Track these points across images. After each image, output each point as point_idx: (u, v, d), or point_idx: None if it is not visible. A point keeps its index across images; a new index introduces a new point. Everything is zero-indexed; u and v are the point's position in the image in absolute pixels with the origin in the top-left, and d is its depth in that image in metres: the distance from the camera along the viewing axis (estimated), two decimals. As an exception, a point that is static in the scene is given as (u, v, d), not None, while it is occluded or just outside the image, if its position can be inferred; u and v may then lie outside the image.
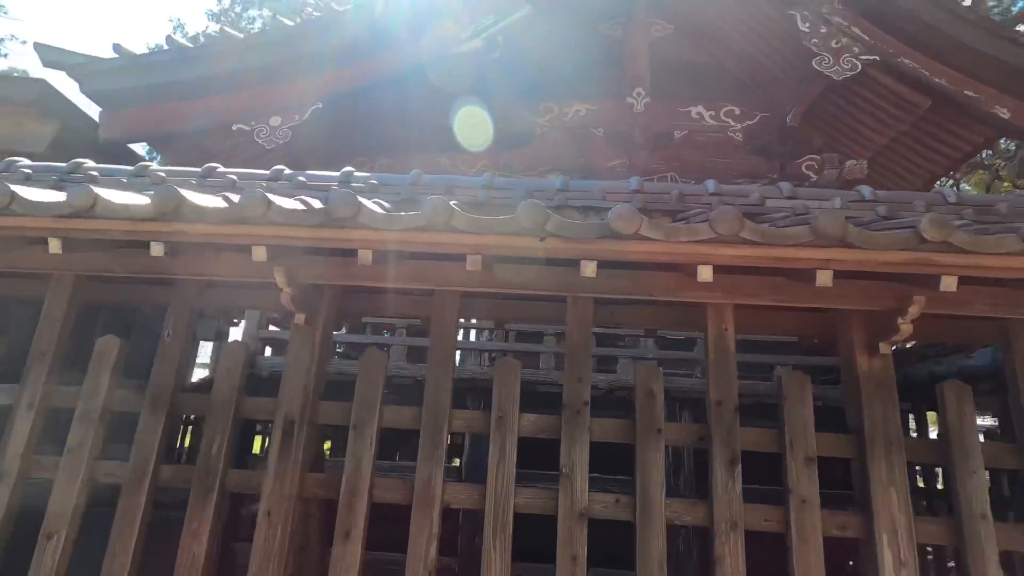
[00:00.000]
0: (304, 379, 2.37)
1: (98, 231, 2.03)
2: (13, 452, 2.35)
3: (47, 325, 2.52)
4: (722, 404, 2.26)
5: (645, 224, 1.83)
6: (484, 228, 1.88)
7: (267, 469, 2.28)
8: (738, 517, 2.13)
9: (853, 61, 4.96)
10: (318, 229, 1.93)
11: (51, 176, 3.12)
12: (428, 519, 2.18)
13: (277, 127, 5.02)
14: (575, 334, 2.37)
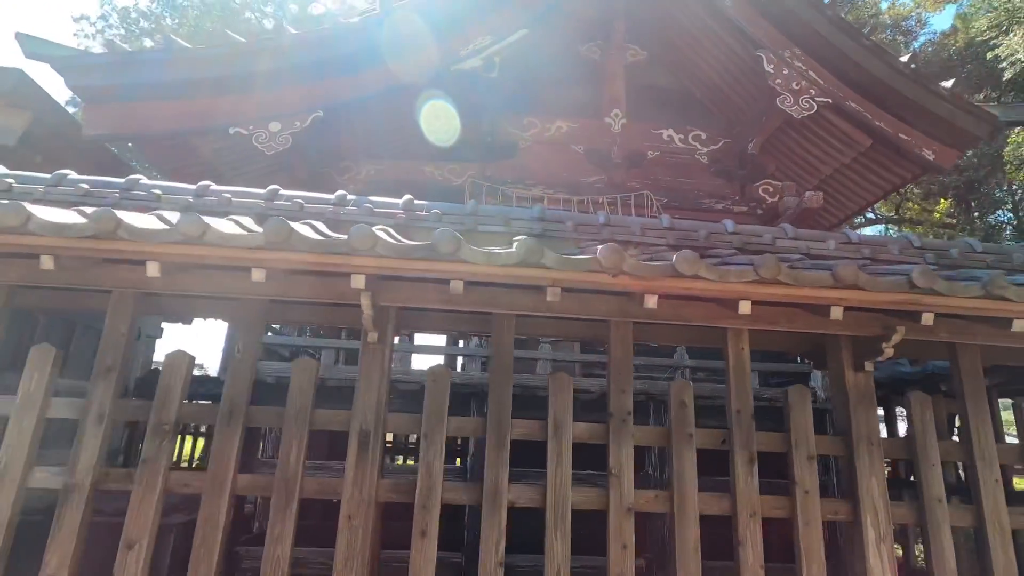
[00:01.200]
0: (376, 392, 2.58)
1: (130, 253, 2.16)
2: (84, 465, 2.40)
3: (111, 340, 2.57)
4: (741, 412, 2.70)
5: (703, 267, 2.21)
6: (569, 265, 2.18)
7: (345, 476, 2.47)
8: (756, 507, 2.57)
9: (810, 102, 5.61)
10: (422, 262, 2.16)
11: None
12: (497, 518, 2.47)
13: (277, 132, 5.04)
14: (618, 352, 2.72)
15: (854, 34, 5.65)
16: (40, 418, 2.46)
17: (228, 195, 2.92)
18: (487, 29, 5.48)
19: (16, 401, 2.46)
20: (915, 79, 5.54)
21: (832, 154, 6.19)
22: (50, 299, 2.69)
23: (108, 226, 2.06)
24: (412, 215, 3.01)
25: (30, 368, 2.50)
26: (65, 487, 2.38)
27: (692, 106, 7.12)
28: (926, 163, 5.76)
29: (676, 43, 6.86)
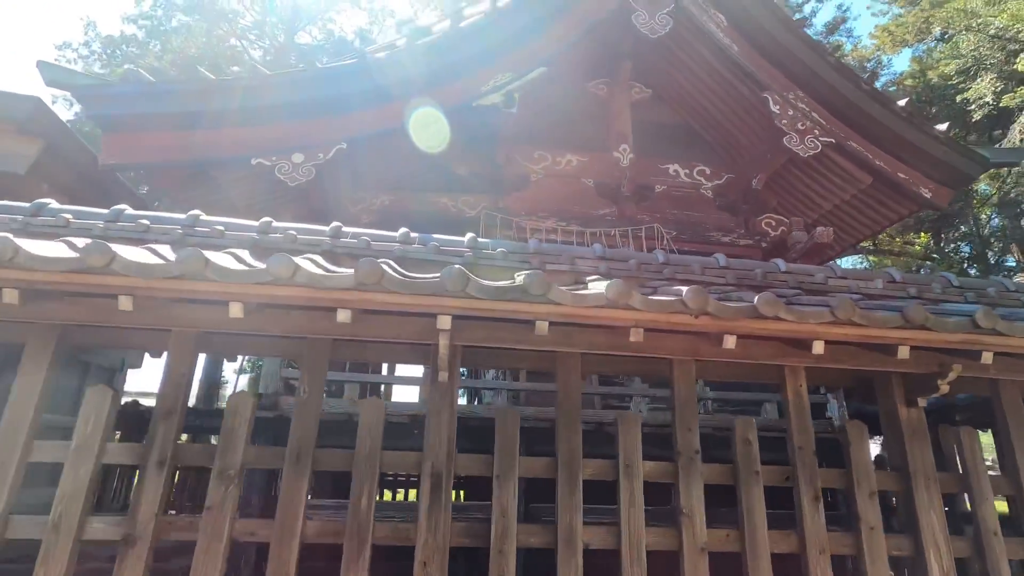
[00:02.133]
0: (447, 432, 2.54)
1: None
2: (146, 514, 2.29)
3: (171, 382, 2.48)
4: (803, 449, 2.74)
5: (783, 308, 2.26)
6: (656, 307, 2.22)
7: (418, 520, 2.41)
8: (824, 544, 2.59)
9: (815, 141, 5.87)
10: (511, 303, 2.16)
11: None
12: (573, 559, 2.43)
13: (300, 164, 5.01)
14: (683, 391, 2.75)
15: (854, 79, 5.96)
16: (98, 465, 2.35)
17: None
18: (508, 66, 5.60)
19: (71, 446, 2.34)
20: (911, 122, 5.85)
21: (833, 190, 6.45)
22: (106, 338, 2.59)
23: (197, 267, 2.01)
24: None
25: (86, 410, 2.39)
26: (125, 538, 2.26)
27: (695, 142, 7.36)
28: (924, 200, 6.05)
29: (680, 82, 7.11)
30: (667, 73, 7.17)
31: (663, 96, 7.47)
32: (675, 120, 7.48)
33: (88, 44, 19.04)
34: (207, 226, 2.76)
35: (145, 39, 20.07)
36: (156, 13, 21.32)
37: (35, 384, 2.39)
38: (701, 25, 6.23)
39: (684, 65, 6.85)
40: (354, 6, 25.91)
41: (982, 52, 10.25)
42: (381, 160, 6.14)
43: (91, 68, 19.13)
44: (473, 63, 5.44)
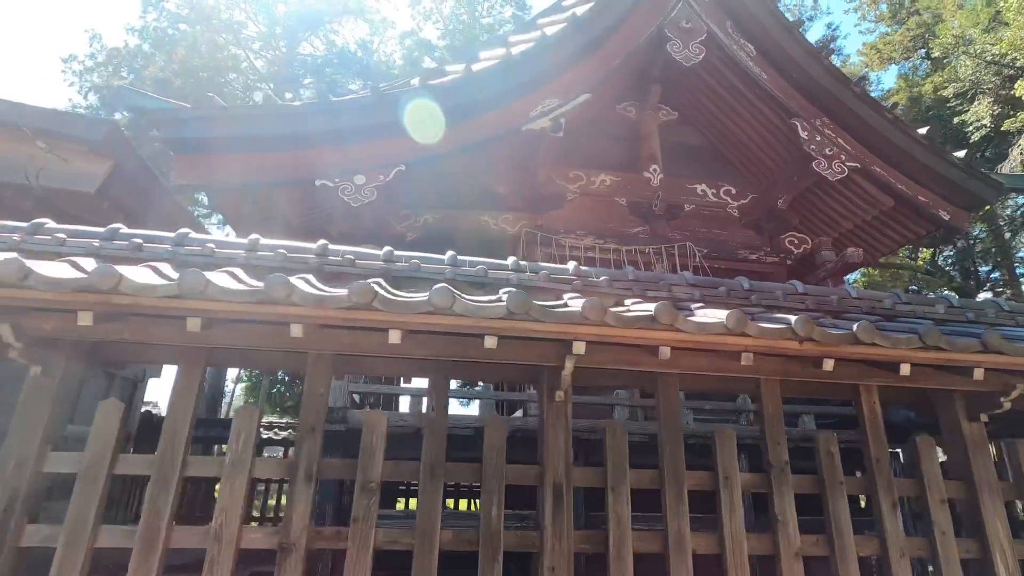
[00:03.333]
0: (563, 447, 2.76)
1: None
2: (298, 525, 2.48)
3: (312, 401, 2.67)
4: (880, 460, 3.00)
5: (878, 335, 2.53)
6: (767, 333, 2.47)
7: (544, 529, 2.62)
8: (905, 548, 2.85)
9: (842, 166, 6.21)
10: (643, 330, 2.40)
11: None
12: (684, 565, 2.66)
13: (362, 185, 5.22)
14: (770, 407, 3.00)
15: (878, 107, 6.32)
16: (249, 479, 2.53)
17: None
18: (555, 91, 5.87)
19: (227, 462, 2.52)
20: (932, 149, 6.22)
21: (855, 211, 6.80)
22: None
23: (365, 299, 2.22)
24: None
25: (237, 427, 2.58)
26: (281, 547, 2.44)
27: (720, 163, 7.69)
28: (942, 222, 6.42)
29: (707, 106, 7.44)
30: (694, 97, 7.49)
31: (689, 119, 7.80)
32: (700, 142, 7.81)
33: (94, 56, 19.01)
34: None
35: (149, 50, 20.08)
36: (160, 24, 21.36)
37: (188, 404, 2.57)
38: (731, 54, 6.57)
39: (712, 91, 7.18)
40: (357, 18, 26.12)
41: (980, 77, 10.81)
42: (426, 180, 6.35)
43: (96, 80, 19.11)
44: (524, 88, 5.70)
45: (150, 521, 2.39)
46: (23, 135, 4.60)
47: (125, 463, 2.52)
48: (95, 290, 2.10)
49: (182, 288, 2.13)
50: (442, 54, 25.22)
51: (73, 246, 2.66)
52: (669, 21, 6.51)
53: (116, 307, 2.21)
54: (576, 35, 5.88)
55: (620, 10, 6.20)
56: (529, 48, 5.66)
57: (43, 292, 2.09)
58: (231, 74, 23.27)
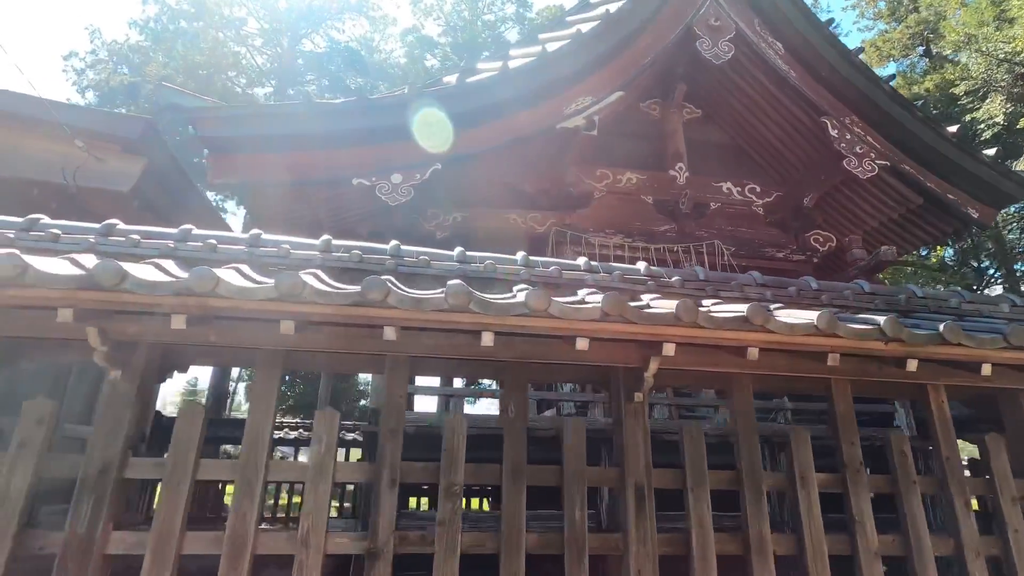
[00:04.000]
0: (643, 449, 2.74)
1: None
2: (385, 530, 2.45)
3: (392, 404, 2.64)
4: (950, 459, 3.00)
5: (964, 336, 2.52)
6: (855, 334, 2.46)
7: (627, 532, 2.61)
8: (979, 547, 2.85)
9: (872, 164, 6.21)
10: (727, 332, 2.38)
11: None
12: (766, 565, 2.65)
13: (399, 184, 5.17)
14: (842, 407, 2.99)
15: (908, 106, 6.33)
16: (332, 483, 2.50)
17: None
18: (588, 89, 5.85)
19: (310, 467, 2.49)
20: (961, 147, 6.24)
21: (883, 209, 6.81)
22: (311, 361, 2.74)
23: (462, 301, 2.19)
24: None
25: (318, 432, 2.54)
26: (368, 552, 2.41)
27: (744, 161, 7.68)
28: (970, 220, 6.44)
29: (732, 104, 7.42)
30: (719, 95, 7.48)
31: (713, 117, 7.79)
32: (724, 140, 7.80)
33: (94, 52, 18.79)
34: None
35: (150, 46, 19.87)
36: (161, 19, 21.14)
37: (269, 408, 2.53)
38: (760, 52, 6.56)
39: (738, 88, 7.17)
40: (358, 14, 25.94)
41: (993, 75, 10.86)
42: (456, 180, 6.31)
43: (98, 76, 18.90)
44: (558, 86, 5.66)
45: (236, 526, 2.36)
46: (60, 133, 4.52)
47: (207, 468, 2.48)
48: (193, 293, 2.06)
49: (280, 291, 2.09)
50: (444, 51, 25.16)
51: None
52: (698, 19, 6.49)
53: (211, 310, 2.17)
54: (609, 32, 5.85)
55: (651, 8, 6.17)
56: (564, 45, 5.62)
57: (141, 296, 2.04)
58: (231, 72, 23.10)
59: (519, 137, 5.63)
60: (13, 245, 2.48)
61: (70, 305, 2.11)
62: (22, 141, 4.74)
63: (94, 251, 2.51)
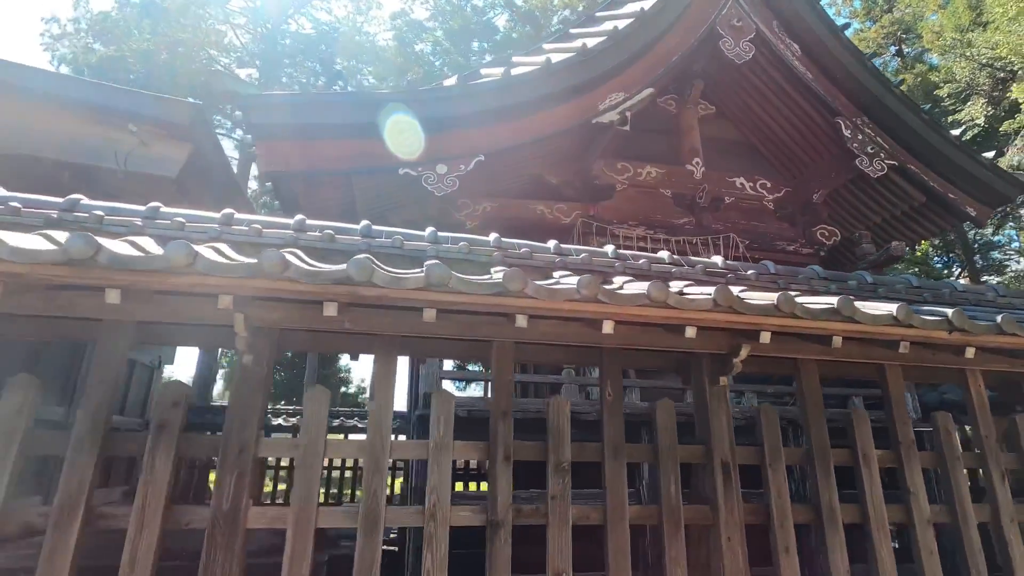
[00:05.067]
0: (727, 430, 2.99)
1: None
2: (504, 503, 2.63)
3: (501, 387, 2.81)
4: (988, 437, 3.34)
5: (1017, 326, 2.83)
6: (925, 324, 2.73)
7: (717, 504, 2.85)
8: (1013, 515, 3.20)
9: (882, 163, 6.58)
10: (820, 322, 2.63)
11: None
12: (838, 536, 2.94)
13: (444, 175, 5.29)
14: (895, 391, 3.29)
15: (915, 109, 6.70)
16: (450, 459, 2.66)
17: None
18: (621, 85, 6.03)
19: (431, 446, 2.65)
20: (963, 150, 6.66)
21: (887, 206, 7.21)
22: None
23: (592, 292, 2.37)
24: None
25: (436, 413, 2.70)
26: (491, 523, 2.60)
27: (755, 157, 7.99)
28: (968, 217, 6.89)
29: (747, 102, 7.70)
30: (734, 93, 7.74)
31: (726, 113, 8.06)
32: (736, 136, 8.08)
33: (77, 21, 17.98)
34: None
35: (136, 18, 19.12)
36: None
37: (389, 393, 2.68)
38: (778, 53, 6.84)
39: (753, 87, 7.44)
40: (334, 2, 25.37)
41: (975, 79, 11.47)
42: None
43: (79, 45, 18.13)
44: (595, 82, 5.83)
45: (370, 504, 2.51)
46: (111, 117, 4.49)
47: (336, 448, 2.61)
48: (352, 282, 2.19)
49: (430, 280, 2.24)
50: (434, 36, 24.90)
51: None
52: (721, 19, 6.72)
53: (362, 299, 2.30)
54: (643, 30, 6.03)
55: (680, 6, 6.37)
56: (602, 42, 5.78)
57: (305, 285, 2.16)
58: (213, 50, 22.44)
59: (558, 131, 5.79)
60: (142, 233, 2.55)
61: (230, 292, 2.21)
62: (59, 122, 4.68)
63: (220, 239, 2.60)
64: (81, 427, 2.31)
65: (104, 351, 2.45)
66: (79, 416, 2.32)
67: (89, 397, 2.37)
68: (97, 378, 2.40)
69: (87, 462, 2.27)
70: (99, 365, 2.43)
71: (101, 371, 2.42)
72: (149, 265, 2.06)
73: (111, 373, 2.44)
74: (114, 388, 2.44)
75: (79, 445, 2.28)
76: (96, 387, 2.39)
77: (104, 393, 2.39)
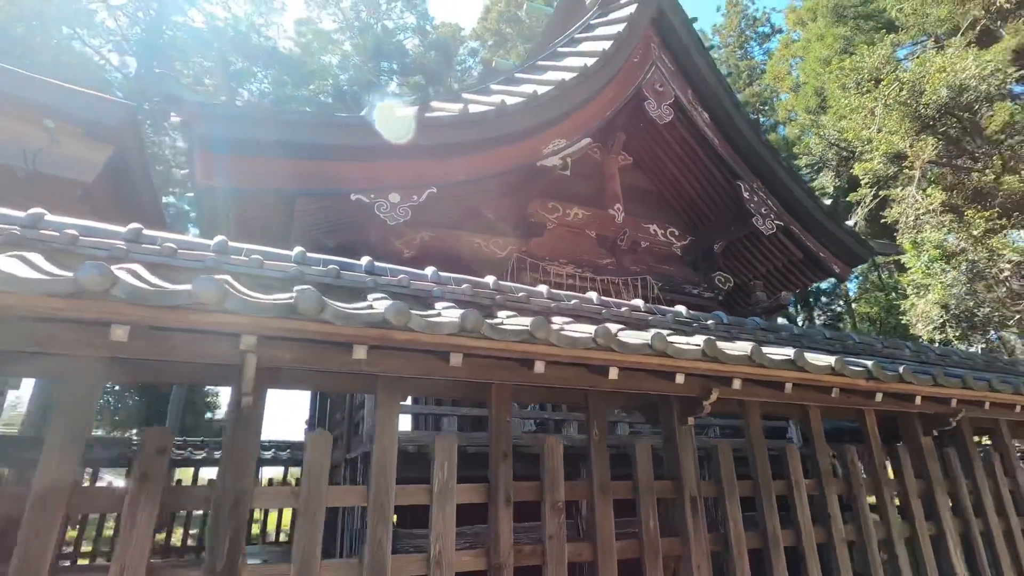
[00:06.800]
0: (693, 466, 3.29)
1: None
2: (505, 545, 2.67)
3: (499, 429, 2.86)
4: (879, 466, 4.00)
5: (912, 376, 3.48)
6: (852, 374, 3.27)
7: (687, 535, 3.12)
8: (901, 532, 3.85)
9: (772, 223, 7.62)
10: (781, 371, 3.04)
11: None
12: (779, 556, 3.34)
13: (397, 204, 5.26)
14: (816, 427, 3.84)
15: (798, 179, 7.88)
16: (454, 504, 2.65)
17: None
18: (562, 132, 6.41)
19: (435, 490, 2.62)
20: (831, 216, 7.93)
21: (771, 259, 8.31)
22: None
23: (607, 341, 2.55)
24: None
25: (440, 457, 2.68)
26: (493, 567, 2.62)
27: (664, 206, 8.82)
28: (833, 273, 8.17)
29: (660, 157, 8.52)
30: (649, 148, 8.54)
31: (641, 165, 8.83)
32: (648, 186, 8.88)
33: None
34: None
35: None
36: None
37: (393, 435, 2.62)
38: (691, 118, 7.71)
39: (667, 144, 8.27)
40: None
41: (825, 154, 13.73)
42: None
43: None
44: (542, 127, 6.15)
45: (375, 553, 2.42)
46: (26, 111, 3.90)
47: (336, 495, 2.49)
48: (386, 326, 2.16)
49: (464, 326, 2.27)
50: (343, 50, 24.26)
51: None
52: (646, 81, 7.45)
53: (391, 342, 2.26)
54: (586, 84, 6.50)
55: (616, 66, 6.96)
56: (551, 90, 6.13)
57: (338, 327, 2.09)
58: (82, 28, 19.94)
59: (506, 169, 5.99)
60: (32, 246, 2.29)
61: (253, 332, 2.07)
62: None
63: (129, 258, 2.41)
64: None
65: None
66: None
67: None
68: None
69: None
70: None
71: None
72: (172, 301, 1.88)
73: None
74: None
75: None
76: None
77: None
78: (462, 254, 6.82)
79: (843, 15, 19.75)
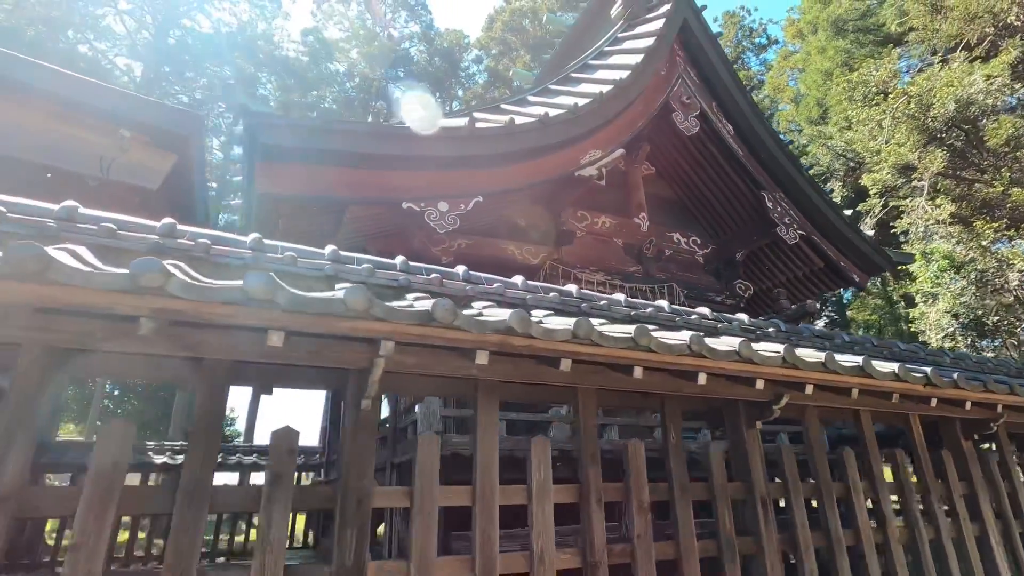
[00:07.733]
0: (761, 468, 3.41)
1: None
2: (599, 544, 2.78)
3: (587, 432, 2.98)
4: (928, 470, 4.15)
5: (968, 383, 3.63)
6: (907, 378, 3.41)
7: (760, 535, 3.24)
8: (897, 536, 4.00)
9: (795, 233, 7.80)
10: (851, 377, 3.18)
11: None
12: (841, 552, 3.47)
13: (446, 212, 5.37)
14: (814, 431, 3.98)
15: (819, 190, 8.07)
16: (552, 504, 2.76)
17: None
18: (598, 143, 6.56)
19: (533, 490, 2.73)
20: (852, 227, 8.13)
21: (792, 267, 8.50)
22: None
23: (700, 348, 2.68)
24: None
25: (536, 459, 2.79)
26: (589, 564, 2.73)
27: (686, 216, 8.99)
28: (853, 282, 8.36)
29: (684, 167, 8.69)
30: (672, 158, 8.71)
31: (664, 175, 9.00)
32: (671, 195, 9.04)
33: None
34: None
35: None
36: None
37: (494, 439, 2.73)
38: (716, 129, 7.89)
39: (691, 155, 8.45)
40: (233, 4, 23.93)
41: (833, 165, 14.04)
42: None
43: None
44: (580, 138, 6.30)
45: (485, 550, 2.52)
46: (102, 121, 3.99)
47: (447, 495, 2.59)
48: (510, 332, 2.27)
49: (576, 333, 2.39)
50: (350, 58, 24.38)
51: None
52: (673, 93, 7.63)
53: (509, 348, 2.38)
54: (620, 96, 6.67)
55: (646, 79, 7.13)
56: (590, 102, 6.28)
57: (466, 333, 2.20)
58: (89, 33, 19.96)
59: (546, 179, 6.13)
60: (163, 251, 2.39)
61: (391, 339, 2.18)
62: (35, 120, 4.07)
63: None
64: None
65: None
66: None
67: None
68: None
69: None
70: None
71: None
72: (325, 309, 1.98)
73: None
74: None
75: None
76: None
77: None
78: (497, 261, 6.93)
79: (843, 28, 20.15)
